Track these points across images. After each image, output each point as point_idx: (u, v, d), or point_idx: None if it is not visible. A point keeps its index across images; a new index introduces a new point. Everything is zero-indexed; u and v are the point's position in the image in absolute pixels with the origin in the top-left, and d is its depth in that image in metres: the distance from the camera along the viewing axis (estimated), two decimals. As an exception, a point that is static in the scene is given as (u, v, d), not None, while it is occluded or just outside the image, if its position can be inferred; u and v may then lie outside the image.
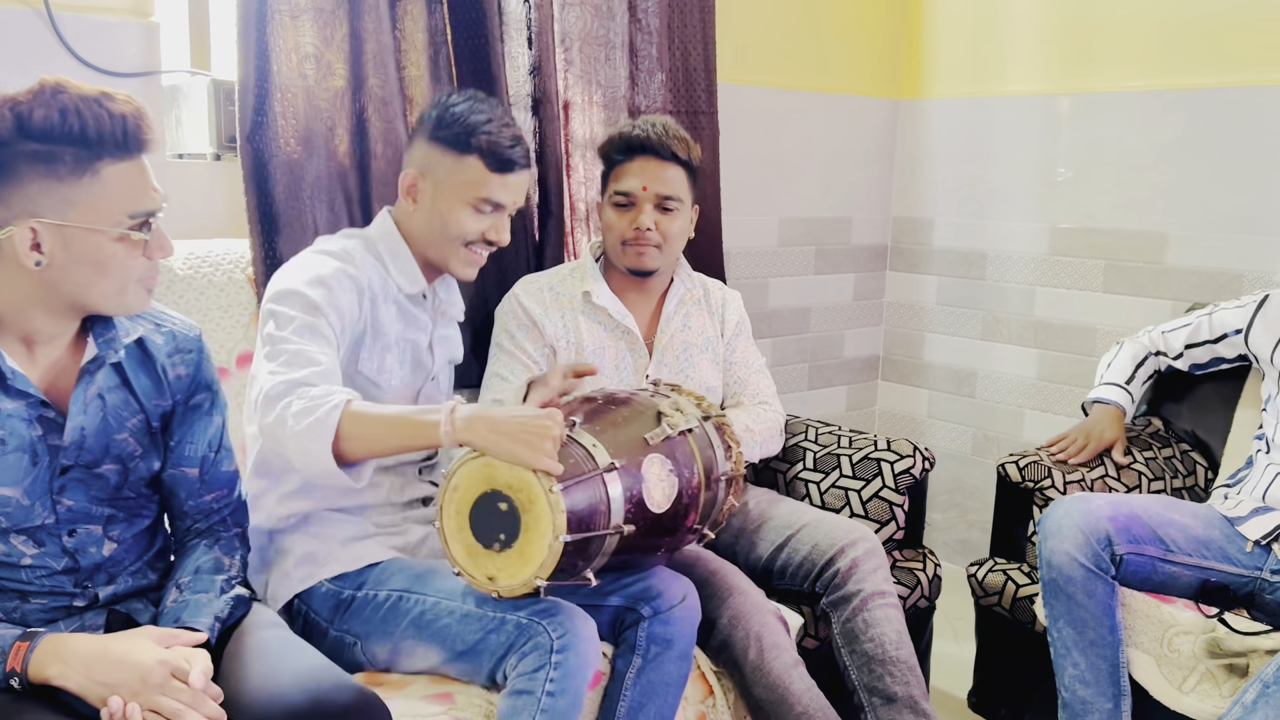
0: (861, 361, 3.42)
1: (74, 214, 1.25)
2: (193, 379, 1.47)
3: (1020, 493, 2.22)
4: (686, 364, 2.15)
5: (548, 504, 1.37)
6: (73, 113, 1.22)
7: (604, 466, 1.46)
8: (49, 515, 1.34)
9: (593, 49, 2.36)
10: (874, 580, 1.87)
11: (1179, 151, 2.75)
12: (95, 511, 1.38)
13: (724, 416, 1.76)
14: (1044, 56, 2.99)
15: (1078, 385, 2.99)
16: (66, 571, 1.37)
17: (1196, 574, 1.92)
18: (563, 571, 1.42)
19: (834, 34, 3.10)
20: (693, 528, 1.63)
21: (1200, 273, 2.73)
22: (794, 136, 3.06)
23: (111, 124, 1.23)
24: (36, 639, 1.23)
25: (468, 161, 1.68)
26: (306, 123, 1.96)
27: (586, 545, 1.43)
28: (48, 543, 1.35)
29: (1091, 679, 1.88)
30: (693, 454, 1.62)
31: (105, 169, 1.25)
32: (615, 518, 1.46)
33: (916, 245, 3.33)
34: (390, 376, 1.71)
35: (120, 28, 1.90)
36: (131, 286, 1.32)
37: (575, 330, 2.07)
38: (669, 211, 2.03)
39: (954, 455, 3.29)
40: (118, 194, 1.26)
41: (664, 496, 1.54)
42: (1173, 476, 2.31)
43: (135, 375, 1.41)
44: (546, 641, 1.44)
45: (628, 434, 1.56)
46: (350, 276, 1.63)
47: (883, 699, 1.81)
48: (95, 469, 1.37)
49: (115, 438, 1.38)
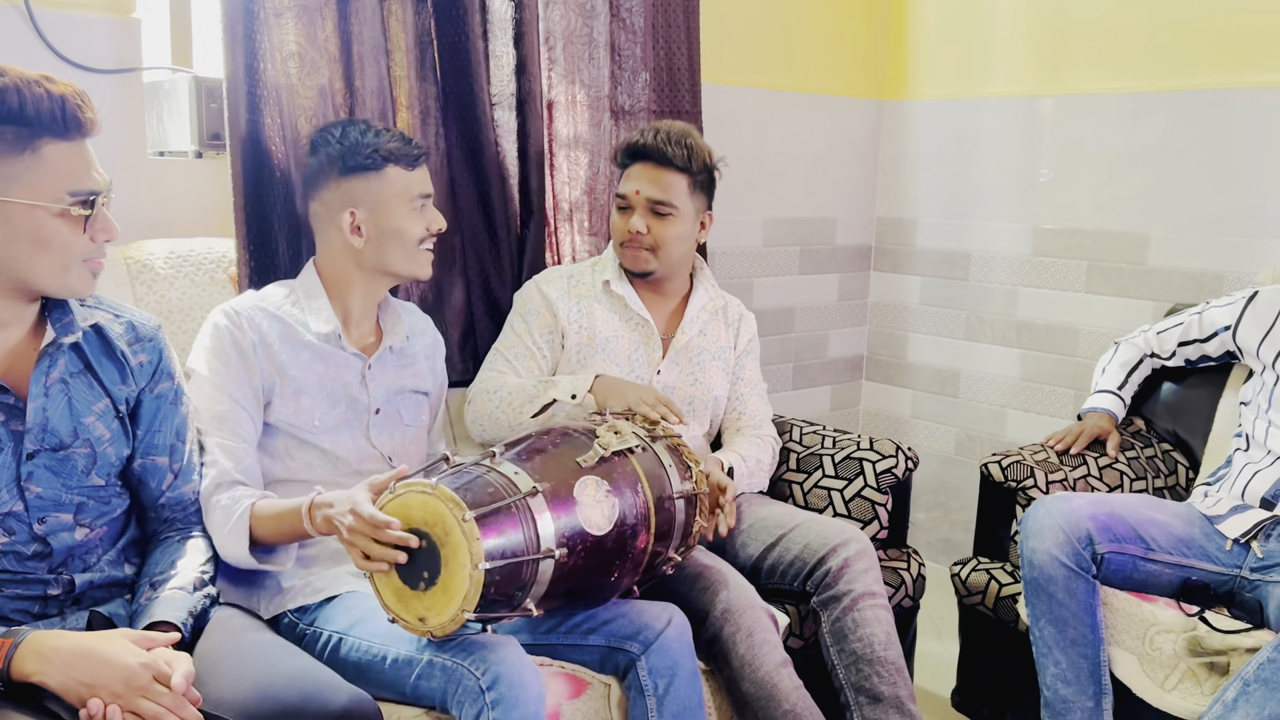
0: (846, 361, 3.43)
1: (15, 190, 1.28)
2: (156, 367, 1.50)
3: (1003, 492, 2.23)
4: (698, 368, 2.17)
5: (462, 534, 1.35)
6: (11, 92, 1.26)
7: (526, 491, 1.44)
8: (17, 502, 1.34)
9: (577, 48, 2.36)
10: (865, 581, 1.87)
11: (1160, 153, 2.76)
12: (64, 500, 1.39)
13: (678, 437, 1.76)
14: (1026, 58, 3.00)
15: (1060, 385, 3.00)
16: (37, 557, 1.37)
17: (1177, 572, 1.93)
18: (497, 603, 1.40)
19: (818, 34, 3.10)
20: (647, 549, 1.60)
21: (1182, 273, 2.75)
22: (778, 137, 3.06)
23: (50, 104, 1.27)
24: (20, 635, 1.23)
25: (387, 174, 1.76)
26: (293, 122, 1.95)
27: (516, 573, 1.40)
28: (18, 530, 1.35)
29: (1073, 677, 1.89)
30: (636, 474, 1.60)
31: (45, 147, 1.28)
32: (545, 542, 1.43)
33: (900, 245, 3.34)
34: (311, 418, 1.74)
35: (100, 24, 1.88)
36: (75, 267, 1.33)
37: (589, 316, 2.09)
38: (663, 216, 2.05)
39: (937, 455, 3.30)
40: (58, 172, 1.29)
41: (603, 518, 1.51)
42: (1154, 476, 2.33)
43: (98, 361, 1.43)
44: (473, 682, 1.39)
45: (558, 460, 1.54)
46: (233, 340, 1.69)
47: (869, 698, 1.81)
48: (62, 452, 1.37)
49: (83, 421, 1.39)
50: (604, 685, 1.64)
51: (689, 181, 2.07)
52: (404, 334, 1.87)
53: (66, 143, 1.30)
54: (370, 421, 1.80)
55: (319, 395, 1.75)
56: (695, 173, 2.08)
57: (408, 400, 1.87)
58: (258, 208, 1.93)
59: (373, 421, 1.81)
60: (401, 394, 1.86)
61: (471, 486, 1.41)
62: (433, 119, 2.14)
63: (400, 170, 1.76)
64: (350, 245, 1.77)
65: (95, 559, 1.43)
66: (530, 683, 1.41)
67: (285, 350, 1.74)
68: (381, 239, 1.77)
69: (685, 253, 2.12)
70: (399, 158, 1.76)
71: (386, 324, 1.87)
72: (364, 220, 1.76)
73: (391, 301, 1.90)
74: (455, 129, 2.18)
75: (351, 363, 1.79)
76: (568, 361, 2.10)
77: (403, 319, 1.89)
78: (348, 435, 1.78)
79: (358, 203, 1.76)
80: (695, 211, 2.10)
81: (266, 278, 1.94)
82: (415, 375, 1.89)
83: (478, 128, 2.19)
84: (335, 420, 1.77)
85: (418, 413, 1.89)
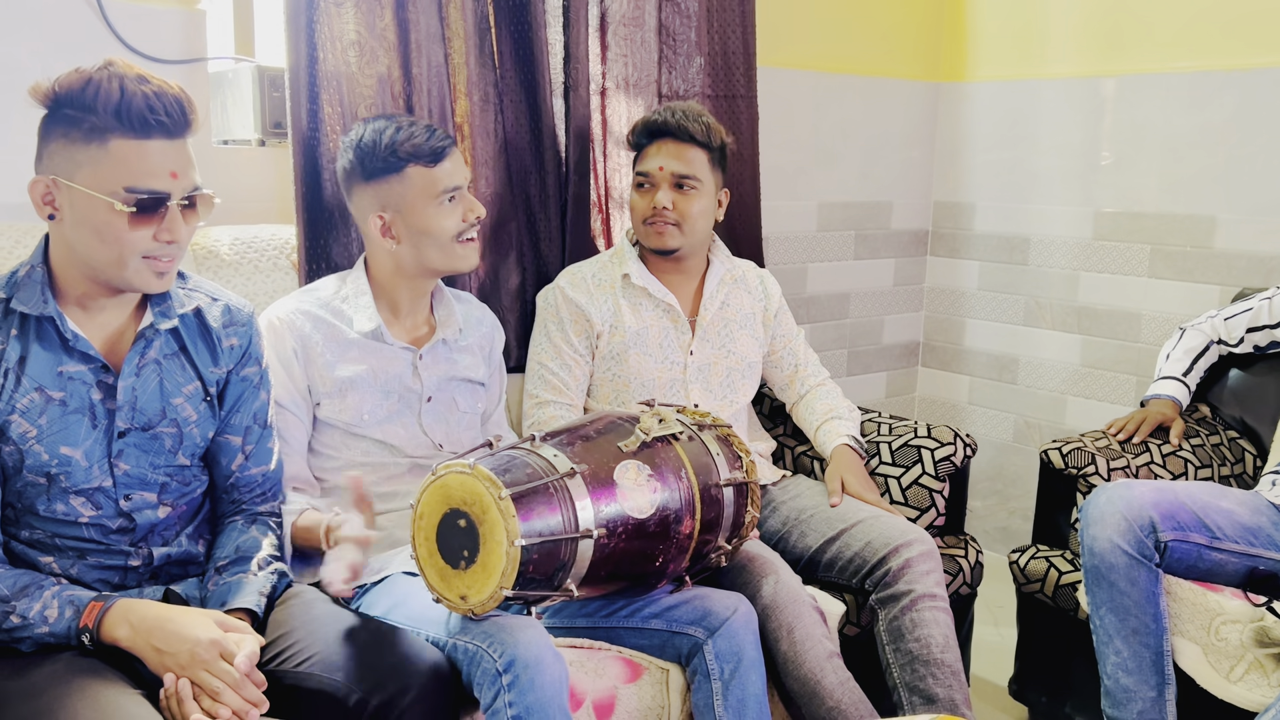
0: (901, 347, 3.40)
1: (79, 176, 1.31)
2: (245, 350, 1.55)
3: (1063, 479, 2.20)
4: (728, 339, 2.18)
5: (499, 511, 1.37)
6: (92, 84, 1.29)
7: (564, 472, 1.45)
8: (106, 478, 1.40)
9: (630, 33, 2.36)
10: (925, 583, 1.85)
11: (1228, 133, 2.70)
12: (150, 478, 1.44)
13: (728, 427, 1.76)
14: (1087, 38, 2.94)
15: (1122, 371, 2.95)
16: (121, 531, 1.43)
17: (1244, 561, 1.90)
18: (536, 582, 1.41)
19: (874, 16, 3.07)
20: (693, 535, 1.61)
21: (1249, 257, 2.69)
22: (833, 120, 3.04)
23: (121, 100, 1.29)
24: (110, 600, 1.31)
25: (408, 174, 1.74)
26: (352, 110, 1.98)
27: (554, 552, 1.42)
28: (104, 505, 1.41)
29: (1134, 667, 1.87)
30: (680, 460, 1.61)
31: (113, 141, 1.30)
32: (584, 523, 1.44)
33: (957, 230, 3.30)
34: (360, 413, 1.78)
35: (167, 15, 1.93)
36: (134, 262, 1.35)
37: (617, 313, 2.10)
38: (687, 191, 2.06)
39: (995, 442, 3.26)
40: (120, 168, 1.30)
41: (645, 501, 1.52)
42: (1220, 464, 2.28)
43: (194, 344, 1.48)
44: (490, 665, 1.39)
45: (599, 444, 1.56)
46: (272, 348, 1.72)
47: (923, 699, 1.79)
48: (150, 431, 1.43)
49: (172, 401, 1.45)
50: (661, 670, 1.65)
51: (709, 156, 2.08)
52: (457, 326, 1.89)
53: (134, 140, 1.30)
54: (422, 409, 1.83)
55: (370, 389, 1.78)
56: (714, 148, 2.09)
57: (462, 389, 1.89)
58: (317, 195, 1.96)
59: (424, 409, 1.83)
60: (455, 382, 1.88)
61: (510, 467, 1.43)
62: (491, 105, 2.15)
63: (421, 168, 1.73)
64: (386, 247, 1.78)
65: (173, 534, 1.49)
66: (549, 665, 1.40)
67: (330, 350, 1.77)
68: (415, 240, 1.76)
69: (707, 228, 2.13)
70: (419, 155, 1.73)
71: (440, 315, 1.89)
72: (393, 222, 1.76)
73: (446, 292, 1.92)
74: (513, 115, 2.19)
75: (401, 355, 1.81)
76: (602, 359, 2.11)
77: (456, 311, 1.90)
78: (400, 424, 1.81)
79: (385, 206, 1.76)
80: (715, 187, 2.11)
81: (324, 265, 1.97)
82: (470, 365, 1.91)
83: (538, 115, 2.21)
84: (387, 411, 1.80)
85: (472, 401, 1.91)
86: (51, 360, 1.36)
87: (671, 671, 1.66)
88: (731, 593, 1.70)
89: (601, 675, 1.61)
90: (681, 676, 1.66)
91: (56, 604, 1.31)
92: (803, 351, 2.32)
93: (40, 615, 1.30)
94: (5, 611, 1.30)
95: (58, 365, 1.36)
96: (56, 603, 1.31)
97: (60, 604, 1.31)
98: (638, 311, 2.11)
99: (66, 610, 1.31)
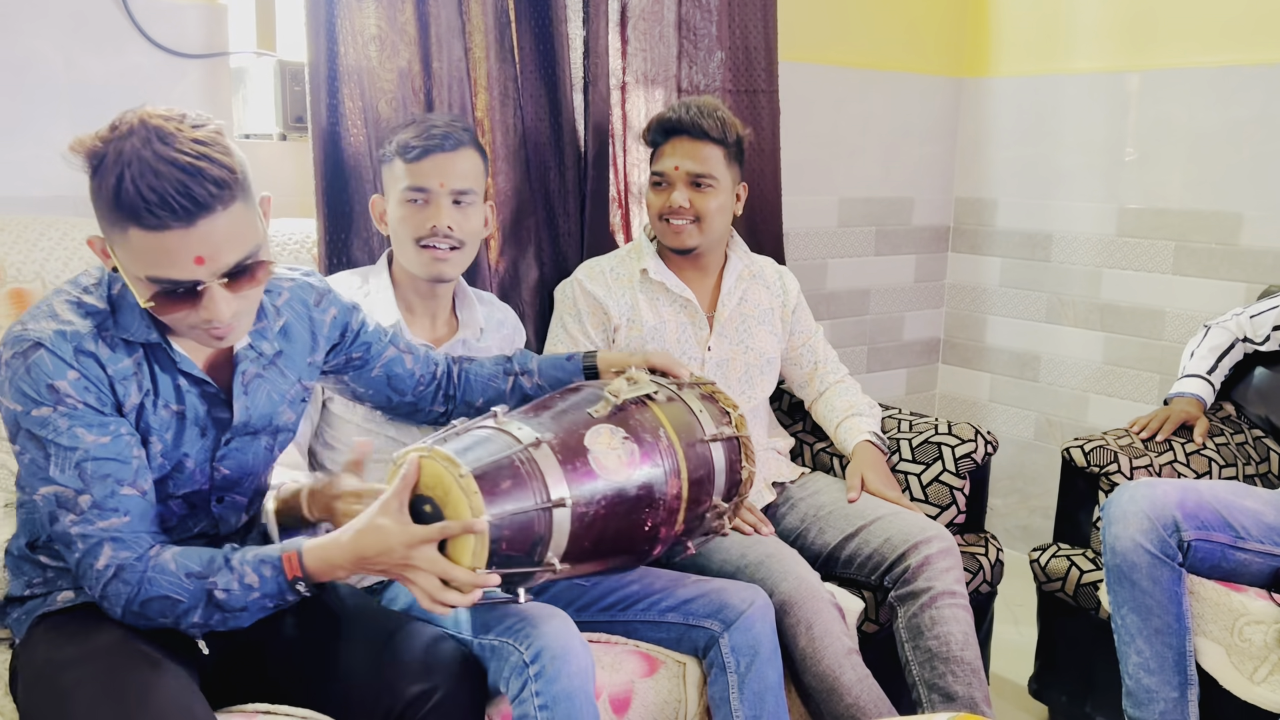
0: (922, 344, 3.38)
1: (117, 251, 1.24)
2: (341, 308, 1.59)
3: (1085, 477, 2.18)
4: (746, 335, 2.17)
5: (461, 490, 1.32)
6: (101, 168, 1.18)
7: (528, 443, 1.40)
8: (205, 481, 1.41)
9: (650, 27, 2.35)
10: (945, 580, 1.83)
11: (1254, 129, 2.67)
12: (245, 483, 1.46)
13: (712, 384, 1.72)
14: (1111, 33, 2.92)
15: (1145, 369, 2.93)
16: (201, 536, 1.44)
17: (1268, 562, 1.88)
18: (515, 559, 1.36)
19: (897, 11, 3.05)
20: (681, 496, 1.55)
21: (1276, 254, 2.66)
22: (854, 115, 3.02)
23: (119, 198, 1.17)
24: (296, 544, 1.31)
25: (394, 165, 1.78)
26: (373, 104, 1.98)
27: (528, 526, 1.36)
28: (199, 507, 1.43)
29: (1156, 667, 1.85)
30: (657, 420, 1.55)
31: (131, 230, 1.19)
32: (556, 493, 1.38)
33: (979, 226, 3.28)
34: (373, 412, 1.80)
35: (189, 9, 1.94)
36: (185, 330, 1.30)
37: (635, 308, 2.09)
38: (703, 190, 2.05)
39: (1016, 440, 3.24)
40: (139, 257, 1.21)
41: (620, 464, 1.47)
42: (1245, 463, 2.26)
43: (288, 343, 1.49)
44: (517, 657, 1.40)
45: (569, 413, 1.51)
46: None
47: (942, 696, 1.78)
48: (250, 436, 1.44)
49: (278, 409, 1.47)
50: (678, 664, 1.65)
51: (725, 153, 2.06)
52: (479, 326, 1.89)
53: (147, 233, 1.18)
54: None
55: None
56: (730, 144, 2.07)
57: None
58: (337, 190, 1.97)
59: None
60: None
61: (472, 445, 1.39)
62: (511, 100, 2.16)
63: (403, 163, 1.75)
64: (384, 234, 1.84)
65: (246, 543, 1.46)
66: (576, 654, 1.41)
67: None
68: (392, 230, 1.81)
69: (725, 225, 2.12)
70: (404, 150, 1.75)
71: (463, 316, 1.89)
72: (386, 209, 1.83)
73: (469, 293, 1.91)
74: (533, 110, 2.19)
75: None
76: None
77: (479, 311, 1.91)
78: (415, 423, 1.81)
79: (384, 193, 1.83)
80: (732, 182, 2.10)
81: (345, 260, 1.97)
82: None
83: (558, 109, 2.21)
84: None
85: None
86: (169, 378, 1.36)
87: (688, 665, 1.65)
88: (749, 585, 1.69)
89: (618, 669, 1.61)
90: (698, 670, 1.66)
91: (249, 569, 1.27)
92: (822, 348, 2.30)
93: (242, 585, 1.26)
94: (208, 588, 1.26)
95: (175, 381, 1.36)
96: (247, 568, 1.27)
97: (251, 567, 1.27)
98: (655, 307, 2.10)
99: (264, 569, 1.27)
